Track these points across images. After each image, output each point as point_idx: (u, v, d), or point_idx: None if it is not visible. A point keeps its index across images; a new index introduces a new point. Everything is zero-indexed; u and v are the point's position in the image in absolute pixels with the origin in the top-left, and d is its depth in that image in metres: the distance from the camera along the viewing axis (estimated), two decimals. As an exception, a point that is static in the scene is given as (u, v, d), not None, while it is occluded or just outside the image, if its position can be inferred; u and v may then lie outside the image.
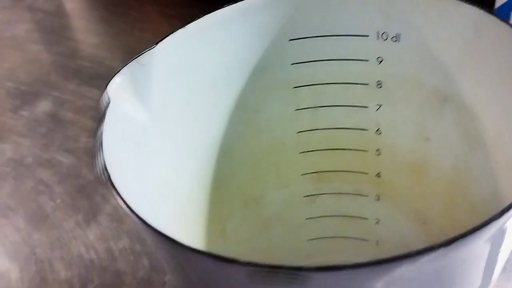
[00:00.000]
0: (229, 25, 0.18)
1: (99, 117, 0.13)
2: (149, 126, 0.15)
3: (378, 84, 0.19)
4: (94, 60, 0.41)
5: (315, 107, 0.20)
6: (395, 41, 0.18)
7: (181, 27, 0.17)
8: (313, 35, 0.18)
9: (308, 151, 0.22)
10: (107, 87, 0.15)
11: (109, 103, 0.14)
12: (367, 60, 0.18)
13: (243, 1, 0.17)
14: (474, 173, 0.17)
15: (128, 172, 0.13)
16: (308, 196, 0.23)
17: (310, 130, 0.21)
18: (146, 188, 0.15)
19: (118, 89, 0.15)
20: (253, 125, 0.20)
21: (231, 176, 0.20)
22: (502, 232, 0.11)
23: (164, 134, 0.16)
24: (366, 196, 0.22)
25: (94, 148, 0.12)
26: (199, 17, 0.18)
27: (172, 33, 0.17)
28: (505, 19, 0.14)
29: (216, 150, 0.19)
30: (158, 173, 0.16)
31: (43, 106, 0.37)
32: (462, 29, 0.16)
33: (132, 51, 0.41)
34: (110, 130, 0.13)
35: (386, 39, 0.18)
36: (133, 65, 0.16)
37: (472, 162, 0.17)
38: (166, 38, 0.16)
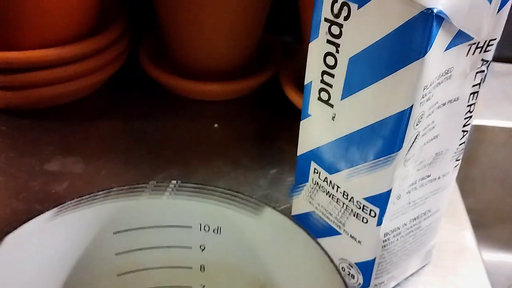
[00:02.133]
0: (50, 227, 0.17)
1: None
2: None
3: (201, 268, 0.20)
4: None
5: (140, 290, 0.20)
6: (216, 233, 0.19)
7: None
8: (138, 227, 0.19)
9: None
10: None
11: None
12: (190, 248, 0.19)
13: (65, 203, 0.17)
14: None
15: None
16: None
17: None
18: None
19: None
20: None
21: None
22: None
23: None
24: None
25: None
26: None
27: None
28: (315, 237, 0.16)
29: None
30: None
31: None
32: (276, 234, 0.17)
33: None
34: None
35: (208, 230, 0.19)
36: None
37: None
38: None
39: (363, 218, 0.26)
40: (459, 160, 0.28)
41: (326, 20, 0.24)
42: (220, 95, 0.46)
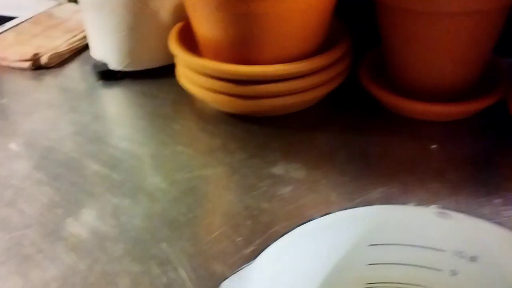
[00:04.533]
0: (316, 236, 0.19)
1: None
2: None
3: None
4: (134, 173, 0.43)
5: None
6: (472, 261, 0.19)
7: (276, 240, 0.19)
8: (392, 243, 0.20)
9: None
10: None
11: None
12: (441, 270, 0.20)
13: (329, 215, 0.19)
14: None
15: None
16: None
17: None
18: None
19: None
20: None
21: None
22: None
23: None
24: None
25: None
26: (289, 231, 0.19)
27: (267, 248, 0.18)
28: None
29: None
30: None
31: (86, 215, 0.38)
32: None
33: (173, 166, 0.43)
34: None
35: (463, 257, 0.19)
36: (233, 278, 0.17)
37: None
38: (263, 253, 0.18)
39: None
40: None
41: None
42: (442, 116, 0.45)
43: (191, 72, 0.48)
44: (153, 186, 0.41)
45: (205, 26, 0.46)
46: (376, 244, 0.20)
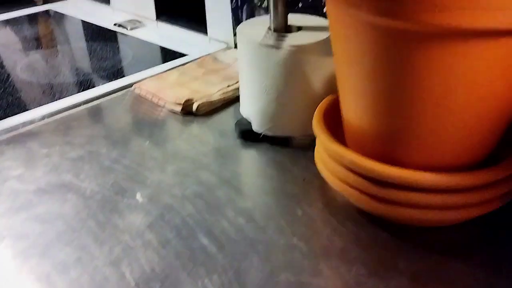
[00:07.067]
0: None
1: None
2: None
3: None
4: (240, 260, 0.40)
5: None
6: None
7: None
8: None
9: None
10: None
11: None
12: None
13: None
14: None
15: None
16: None
17: None
18: None
19: None
20: None
21: None
22: None
23: None
24: None
25: None
26: None
27: None
28: None
29: None
30: None
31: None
32: None
33: (282, 262, 0.39)
34: None
35: None
36: None
37: None
38: None
39: None
40: None
41: None
42: None
43: (328, 158, 0.43)
44: (255, 284, 0.37)
45: (352, 107, 0.41)
46: None
